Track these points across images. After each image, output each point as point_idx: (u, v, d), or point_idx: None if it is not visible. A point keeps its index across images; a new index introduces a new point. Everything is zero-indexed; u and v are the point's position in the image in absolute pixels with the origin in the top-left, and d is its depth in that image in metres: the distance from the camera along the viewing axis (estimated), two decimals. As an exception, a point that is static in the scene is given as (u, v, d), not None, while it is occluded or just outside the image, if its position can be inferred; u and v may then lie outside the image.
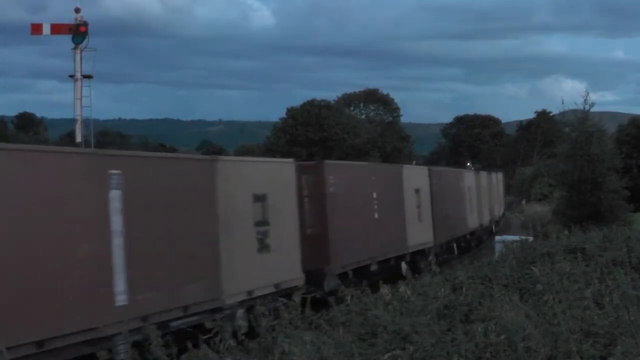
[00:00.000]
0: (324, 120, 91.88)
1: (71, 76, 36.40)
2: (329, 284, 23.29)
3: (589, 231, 23.57)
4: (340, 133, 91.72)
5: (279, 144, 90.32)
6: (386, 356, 9.43)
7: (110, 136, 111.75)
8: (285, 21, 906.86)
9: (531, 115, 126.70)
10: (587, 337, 9.42)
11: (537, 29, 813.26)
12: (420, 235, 33.72)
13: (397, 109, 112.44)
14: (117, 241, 14.49)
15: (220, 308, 17.51)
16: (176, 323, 15.65)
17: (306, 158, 68.73)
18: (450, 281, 15.07)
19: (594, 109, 40.77)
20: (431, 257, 34.08)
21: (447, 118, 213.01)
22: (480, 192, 50.37)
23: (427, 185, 36.29)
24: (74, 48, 36.34)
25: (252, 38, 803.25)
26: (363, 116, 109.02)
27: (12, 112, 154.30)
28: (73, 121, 36.79)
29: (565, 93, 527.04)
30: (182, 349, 11.56)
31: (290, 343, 9.93)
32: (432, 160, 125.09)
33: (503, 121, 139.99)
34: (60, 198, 13.58)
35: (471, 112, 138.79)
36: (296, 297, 19.31)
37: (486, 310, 11.31)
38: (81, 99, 36.24)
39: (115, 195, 14.61)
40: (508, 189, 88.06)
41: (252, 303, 18.65)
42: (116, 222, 14.54)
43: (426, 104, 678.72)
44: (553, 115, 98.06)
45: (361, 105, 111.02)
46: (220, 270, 17.75)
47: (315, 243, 23.42)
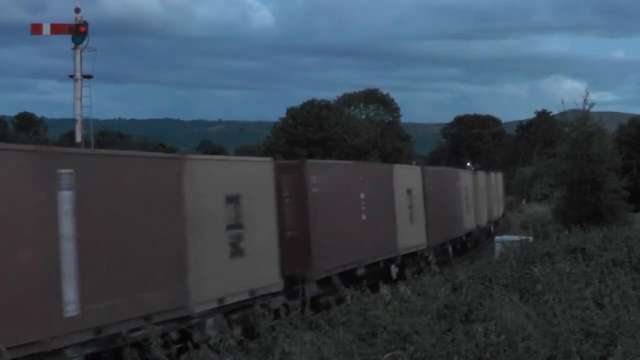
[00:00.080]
0: (324, 120, 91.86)
1: (71, 76, 36.42)
2: (310, 290, 22.22)
3: (589, 231, 23.57)
4: (340, 133, 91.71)
5: (279, 144, 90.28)
6: (386, 356, 9.43)
7: (110, 136, 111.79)
8: (285, 21, 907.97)
9: (531, 115, 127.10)
10: (587, 337, 9.43)
11: (537, 29, 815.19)
12: (412, 237, 32.68)
13: (397, 109, 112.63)
14: (67, 246, 13.55)
15: (187, 317, 16.60)
16: (136, 334, 14.67)
17: (306, 158, 68.59)
18: (450, 281, 15.06)
19: (594, 109, 40.81)
20: (431, 257, 33.93)
21: (447, 118, 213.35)
22: (477, 193, 49.43)
23: (420, 185, 35.34)
24: (74, 48, 36.36)
25: (252, 38, 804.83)
26: (363, 116, 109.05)
27: (12, 112, 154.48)
28: (73, 121, 36.80)
29: (565, 93, 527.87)
30: (182, 349, 11.55)
31: (290, 343, 9.94)
32: (432, 160, 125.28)
33: (503, 121, 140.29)
34: (1, 199, 12.67)
35: (471, 112, 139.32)
36: (274, 304, 18.56)
37: (486, 310, 11.32)
38: (81, 99, 36.27)
39: (65, 196, 13.69)
40: (508, 189, 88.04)
41: (224, 310, 17.87)
42: (66, 226, 13.60)
43: (426, 104, 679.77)
44: (553, 115, 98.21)
45: (361, 105, 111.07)
46: (187, 276, 16.71)
47: (296, 246, 22.18)
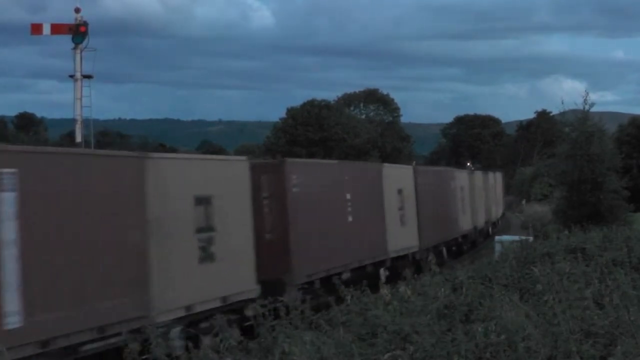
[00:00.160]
0: (324, 120, 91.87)
1: (71, 76, 36.43)
2: (290, 295, 20.86)
3: (589, 231, 23.57)
4: (340, 133, 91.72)
5: (279, 144, 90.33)
6: (386, 356, 9.43)
7: (110, 136, 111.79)
8: (285, 21, 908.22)
9: (531, 115, 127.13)
10: (587, 337, 9.44)
11: (537, 29, 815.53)
12: (402, 239, 31.50)
13: (397, 109, 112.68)
14: (9, 252, 12.67)
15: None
16: (90, 347, 13.84)
17: (306, 158, 68.62)
18: (450, 281, 15.08)
19: (594, 109, 40.77)
20: (431, 257, 33.73)
21: (447, 118, 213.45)
22: (474, 193, 48.30)
23: (412, 185, 34.21)
24: (74, 48, 36.36)
25: (252, 38, 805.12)
26: (363, 116, 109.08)
27: (12, 112, 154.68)
28: (73, 121, 36.80)
29: (565, 93, 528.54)
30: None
31: (290, 343, 9.94)
32: (432, 160, 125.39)
33: (503, 121, 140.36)
34: None
35: (471, 112, 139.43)
36: (248, 312, 17.58)
37: (486, 310, 11.32)
38: (81, 99, 36.27)
39: (7, 198, 12.78)
40: (508, 189, 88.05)
41: (192, 319, 16.86)
42: (8, 230, 12.69)
43: (426, 104, 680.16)
44: (553, 115, 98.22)
45: (361, 105, 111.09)
46: (149, 283, 15.63)
47: (274, 250, 21.18)
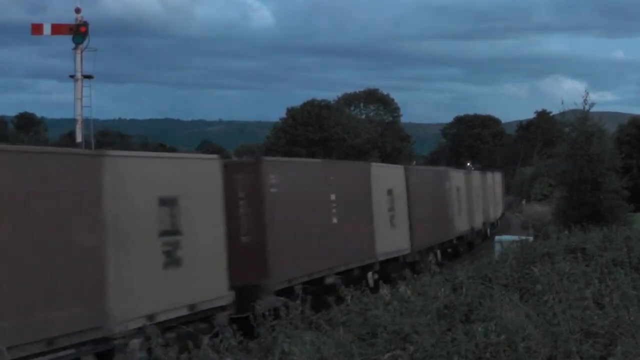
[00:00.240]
0: (324, 120, 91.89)
1: (71, 76, 36.45)
2: (267, 302, 19.36)
3: (589, 231, 23.57)
4: (340, 133, 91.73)
5: (279, 144, 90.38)
6: (386, 356, 9.44)
7: (110, 136, 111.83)
8: (285, 21, 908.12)
9: (531, 115, 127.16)
10: (587, 337, 9.44)
11: (537, 29, 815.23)
12: (392, 241, 30.40)
13: (397, 109, 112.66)
14: None
15: (106, 338, 14.60)
16: None
17: (307, 158, 68.63)
18: (450, 281, 15.09)
19: (594, 109, 40.72)
20: (431, 257, 33.60)
21: (447, 118, 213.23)
22: (471, 193, 47.15)
23: (403, 185, 33.05)
24: (74, 48, 36.38)
25: (252, 38, 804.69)
26: (363, 116, 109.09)
27: (12, 112, 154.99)
28: (73, 121, 36.83)
29: (565, 93, 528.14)
30: (182, 349, 11.51)
31: (290, 343, 9.94)
32: (432, 160, 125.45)
33: (503, 121, 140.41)
34: None
35: (471, 112, 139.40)
36: (219, 320, 16.91)
37: (486, 310, 11.33)
38: (81, 99, 36.28)
39: None
40: (508, 189, 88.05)
41: (156, 329, 15.71)
42: None
43: (426, 104, 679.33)
44: (553, 115, 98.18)
45: (361, 105, 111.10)
46: (106, 291, 14.66)
47: (251, 253, 20.14)
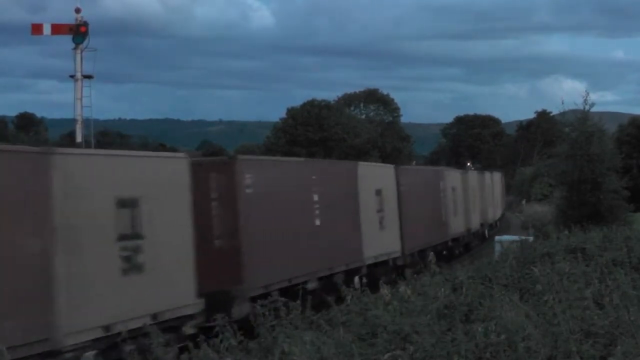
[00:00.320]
0: (324, 120, 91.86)
1: (71, 76, 36.48)
2: (240, 310, 18.64)
3: (589, 231, 23.57)
4: (340, 133, 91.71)
5: (279, 144, 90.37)
6: (386, 356, 9.44)
7: (110, 136, 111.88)
8: (285, 21, 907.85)
9: (531, 115, 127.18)
10: (587, 337, 9.44)
11: (537, 29, 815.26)
12: (381, 244, 29.20)
13: (397, 109, 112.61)
14: None
15: (54, 352, 13.59)
16: None
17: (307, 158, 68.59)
18: (450, 281, 15.10)
19: (594, 109, 40.72)
20: (430, 257, 33.43)
21: (447, 118, 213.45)
22: (467, 194, 45.84)
23: (394, 185, 31.78)
24: (74, 48, 36.42)
25: (252, 38, 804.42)
26: (363, 116, 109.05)
27: (12, 112, 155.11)
28: (73, 121, 36.88)
29: (565, 93, 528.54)
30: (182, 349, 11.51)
31: (290, 343, 9.94)
32: (433, 160, 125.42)
33: (503, 121, 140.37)
34: None
35: (471, 112, 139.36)
36: (187, 329, 16.03)
37: (486, 310, 11.34)
38: (81, 99, 36.33)
39: None
40: (508, 189, 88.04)
41: (113, 341, 14.76)
42: None
43: (426, 104, 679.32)
44: (553, 115, 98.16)
45: (361, 105, 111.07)
46: (54, 300, 13.62)
47: (224, 258, 19.15)
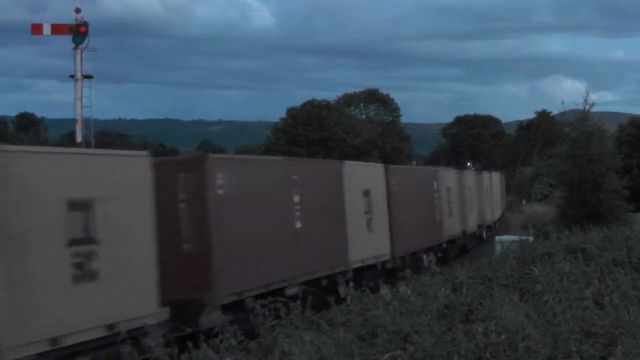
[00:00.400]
0: (324, 120, 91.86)
1: (71, 76, 36.52)
2: (210, 319, 17.53)
3: (589, 231, 23.57)
4: (340, 133, 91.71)
5: (279, 144, 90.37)
6: (386, 356, 9.44)
7: (110, 136, 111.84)
8: (285, 21, 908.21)
9: (531, 115, 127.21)
10: (587, 337, 9.45)
11: (537, 29, 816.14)
12: (369, 246, 28.08)
13: (397, 109, 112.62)
14: None
15: None
16: None
17: (307, 158, 68.54)
18: (450, 281, 15.10)
19: (594, 109, 40.75)
20: (430, 258, 33.42)
21: (447, 118, 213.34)
22: (464, 194, 44.46)
23: (383, 186, 30.58)
24: (74, 48, 36.46)
25: (252, 38, 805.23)
26: (363, 116, 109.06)
27: (12, 112, 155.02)
28: (73, 121, 36.92)
29: (565, 93, 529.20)
30: (182, 349, 11.49)
31: (290, 343, 9.93)
32: (433, 160, 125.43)
33: (503, 121, 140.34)
34: None
35: (471, 112, 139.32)
36: (148, 340, 14.80)
37: (486, 310, 11.34)
38: (81, 99, 36.38)
39: None
40: (508, 189, 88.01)
41: (63, 354, 13.92)
42: None
43: (426, 104, 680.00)
44: (553, 115, 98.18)
45: (361, 105, 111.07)
46: None
47: (193, 263, 18.04)
